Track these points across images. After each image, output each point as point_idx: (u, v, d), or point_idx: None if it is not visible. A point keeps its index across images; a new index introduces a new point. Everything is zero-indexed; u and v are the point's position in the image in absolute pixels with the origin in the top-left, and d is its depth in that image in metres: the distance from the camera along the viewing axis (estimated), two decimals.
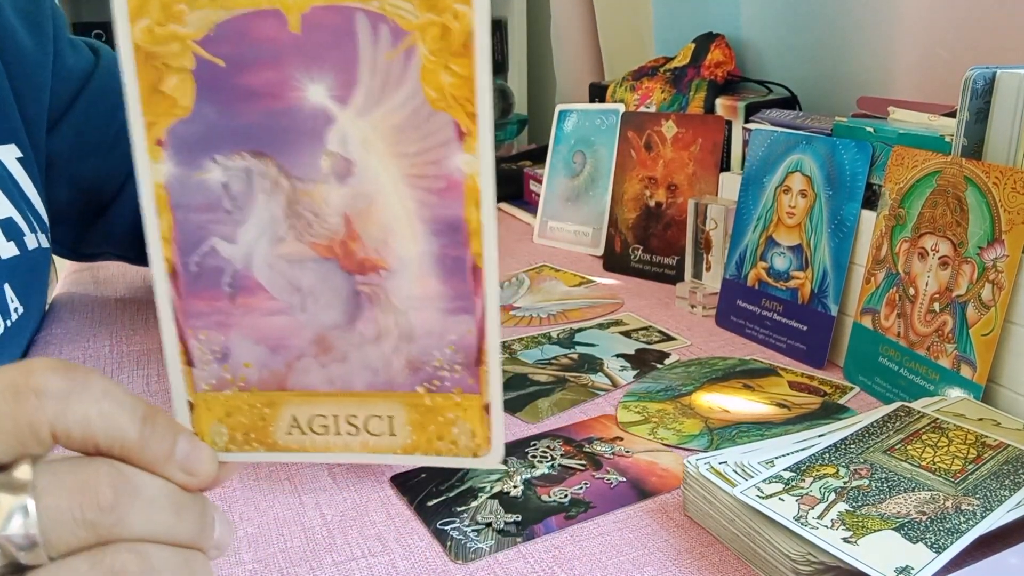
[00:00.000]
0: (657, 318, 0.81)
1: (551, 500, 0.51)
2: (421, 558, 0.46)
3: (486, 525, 0.48)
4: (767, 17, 1.01)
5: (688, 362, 0.71)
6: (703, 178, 0.90)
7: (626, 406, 0.63)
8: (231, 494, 0.52)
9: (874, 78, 0.88)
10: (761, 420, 0.60)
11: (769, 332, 0.74)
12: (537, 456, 0.56)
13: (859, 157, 0.68)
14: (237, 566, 0.46)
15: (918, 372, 0.61)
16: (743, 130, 0.84)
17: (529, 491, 0.52)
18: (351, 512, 0.50)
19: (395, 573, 0.45)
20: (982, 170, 0.56)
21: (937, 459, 0.48)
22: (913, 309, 0.61)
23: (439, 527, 0.48)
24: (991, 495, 0.44)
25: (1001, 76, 0.57)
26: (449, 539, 0.47)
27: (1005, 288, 0.54)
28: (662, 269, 0.92)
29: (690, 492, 0.49)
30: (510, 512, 0.49)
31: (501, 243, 1.12)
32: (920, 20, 0.81)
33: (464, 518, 0.49)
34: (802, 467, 0.47)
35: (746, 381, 0.67)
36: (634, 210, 0.95)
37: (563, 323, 0.80)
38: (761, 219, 0.76)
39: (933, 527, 0.42)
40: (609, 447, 0.57)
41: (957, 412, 0.54)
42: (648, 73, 1.07)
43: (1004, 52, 0.74)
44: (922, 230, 0.61)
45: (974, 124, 0.58)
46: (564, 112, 1.09)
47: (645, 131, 0.95)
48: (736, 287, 0.78)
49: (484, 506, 0.50)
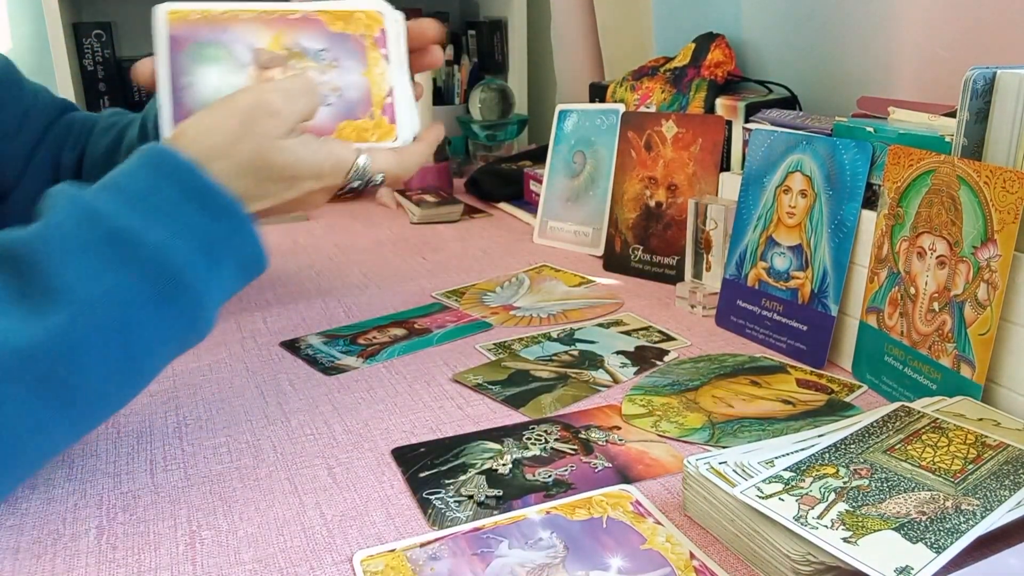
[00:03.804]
0: (657, 318, 0.81)
1: (535, 479, 0.53)
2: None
3: (468, 497, 0.51)
4: (767, 17, 1.01)
5: (697, 358, 0.71)
6: (703, 178, 0.90)
7: (631, 399, 0.63)
8: (231, 494, 0.52)
9: (874, 78, 0.88)
10: (764, 416, 0.60)
11: (769, 332, 0.74)
12: (531, 439, 0.58)
13: (859, 157, 0.68)
14: (237, 566, 0.46)
15: (921, 371, 0.61)
16: (743, 130, 0.84)
17: (516, 470, 0.54)
18: (351, 512, 0.50)
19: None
20: (974, 169, 0.56)
21: (937, 459, 0.48)
22: (914, 308, 0.61)
23: (424, 496, 0.52)
24: (991, 495, 0.44)
25: (1001, 76, 0.57)
26: (431, 507, 0.50)
27: (999, 288, 0.54)
28: (662, 269, 0.92)
29: (690, 492, 0.49)
30: (494, 487, 0.52)
31: (501, 243, 1.13)
32: (920, 20, 0.81)
33: (450, 490, 0.52)
34: (802, 467, 0.47)
35: (754, 377, 0.67)
36: (634, 210, 0.95)
37: (563, 323, 0.80)
38: (761, 219, 0.76)
39: (933, 527, 0.42)
40: (604, 435, 0.58)
41: (957, 412, 0.54)
42: (648, 73, 1.07)
43: (1004, 52, 0.74)
44: (920, 229, 0.61)
45: (974, 124, 0.58)
46: (564, 112, 1.09)
47: (645, 131, 0.95)
48: (736, 287, 0.78)
49: (471, 480, 0.53)
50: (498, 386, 0.66)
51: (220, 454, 0.57)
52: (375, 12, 0.62)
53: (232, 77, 0.58)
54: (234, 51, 0.59)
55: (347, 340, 0.76)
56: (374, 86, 0.61)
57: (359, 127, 0.61)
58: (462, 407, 0.63)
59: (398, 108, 0.61)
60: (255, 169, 0.54)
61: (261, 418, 0.62)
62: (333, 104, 0.60)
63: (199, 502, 0.51)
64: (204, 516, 0.50)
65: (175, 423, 0.61)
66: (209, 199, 0.51)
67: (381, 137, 0.61)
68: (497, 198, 1.30)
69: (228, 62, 0.59)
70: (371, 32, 0.61)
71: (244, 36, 0.59)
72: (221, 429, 0.60)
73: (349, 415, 0.62)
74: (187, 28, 0.58)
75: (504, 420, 0.61)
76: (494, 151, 1.52)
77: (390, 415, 0.62)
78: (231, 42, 0.59)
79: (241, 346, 0.75)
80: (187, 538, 0.48)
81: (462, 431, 0.59)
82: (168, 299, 0.48)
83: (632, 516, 0.49)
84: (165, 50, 0.58)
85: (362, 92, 0.61)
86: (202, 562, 0.46)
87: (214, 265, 0.51)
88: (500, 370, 0.69)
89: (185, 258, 0.49)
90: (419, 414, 0.62)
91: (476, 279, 0.93)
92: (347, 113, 0.60)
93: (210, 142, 0.53)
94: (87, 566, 0.46)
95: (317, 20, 0.61)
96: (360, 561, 0.45)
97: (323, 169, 0.57)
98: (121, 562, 0.46)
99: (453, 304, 0.85)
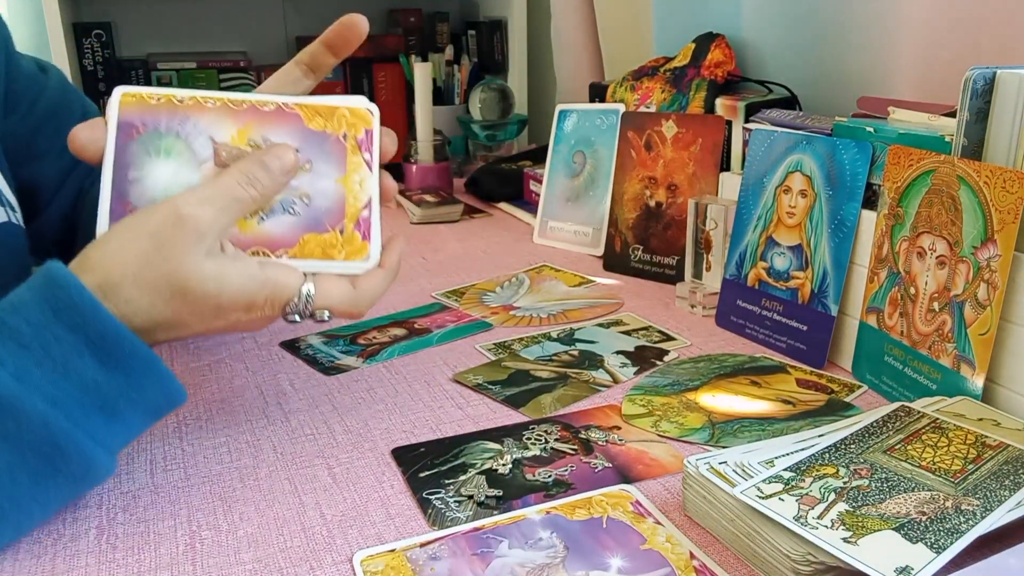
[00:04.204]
0: (657, 318, 0.81)
1: (535, 479, 0.53)
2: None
3: (468, 497, 0.51)
4: (767, 17, 1.01)
5: (698, 358, 0.71)
6: (703, 178, 0.90)
7: (632, 399, 0.63)
8: (231, 494, 0.52)
9: (874, 78, 0.88)
10: (764, 416, 0.60)
11: (769, 332, 0.74)
12: (532, 439, 0.58)
13: (859, 157, 0.68)
14: (237, 566, 0.46)
15: (921, 371, 0.61)
16: (743, 130, 0.84)
17: (517, 470, 0.54)
18: (351, 512, 0.50)
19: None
20: (974, 169, 0.56)
21: (937, 459, 0.48)
22: (915, 308, 0.61)
23: (424, 496, 0.51)
24: (991, 495, 0.44)
25: (1001, 76, 0.57)
26: (431, 507, 0.50)
27: (999, 288, 0.54)
28: (662, 269, 0.92)
29: (690, 492, 0.49)
30: (494, 487, 0.52)
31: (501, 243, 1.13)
32: (920, 20, 0.81)
33: (450, 490, 0.52)
34: (802, 467, 0.47)
35: (754, 377, 0.67)
36: (634, 210, 0.95)
37: (563, 323, 0.80)
38: (761, 219, 0.76)
39: (933, 527, 0.42)
40: (604, 435, 0.58)
41: (957, 412, 0.54)
42: (648, 73, 1.07)
43: (1004, 52, 0.74)
44: (920, 229, 0.61)
45: (974, 124, 0.58)
46: (564, 112, 1.09)
47: (645, 131, 0.95)
48: (736, 287, 0.78)
49: (471, 480, 0.53)
50: (498, 386, 0.66)
51: (220, 454, 0.57)
52: (363, 111, 0.54)
53: (185, 174, 0.50)
54: (193, 144, 0.51)
55: (347, 340, 0.76)
56: (350, 196, 0.53)
57: (325, 242, 0.52)
58: (462, 407, 0.63)
59: (374, 223, 0.54)
60: (171, 297, 0.47)
61: (261, 418, 0.62)
62: (299, 213, 0.52)
63: (199, 502, 0.51)
64: (204, 516, 0.50)
65: (175, 423, 0.61)
66: (108, 347, 0.45)
67: (350, 255, 0.53)
68: (497, 198, 1.30)
69: (184, 156, 0.51)
70: (354, 132, 0.53)
71: (207, 128, 0.51)
72: (221, 429, 0.60)
73: (349, 415, 0.62)
74: (143, 114, 0.50)
75: (504, 420, 0.61)
76: (494, 151, 1.52)
77: (390, 415, 0.62)
78: (192, 134, 0.51)
79: (241, 346, 0.75)
80: (187, 538, 0.48)
81: (462, 431, 0.59)
82: (52, 473, 0.44)
83: (632, 516, 0.49)
84: (113, 137, 0.50)
85: (334, 201, 0.53)
86: (202, 562, 0.46)
87: (111, 420, 0.46)
88: (500, 370, 0.69)
89: (73, 427, 0.44)
90: (419, 414, 0.62)
91: (476, 279, 0.93)
92: (313, 225, 0.52)
93: (118, 266, 0.46)
94: (87, 566, 0.46)
95: (294, 114, 0.52)
96: (360, 561, 0.45)
97: (255, 300, 0.49)
98: (121, 562, 0.46)
99: (453, 304, 0.85)
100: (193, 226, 0.46)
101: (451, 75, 1.70)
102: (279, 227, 0.52)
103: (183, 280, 0.46)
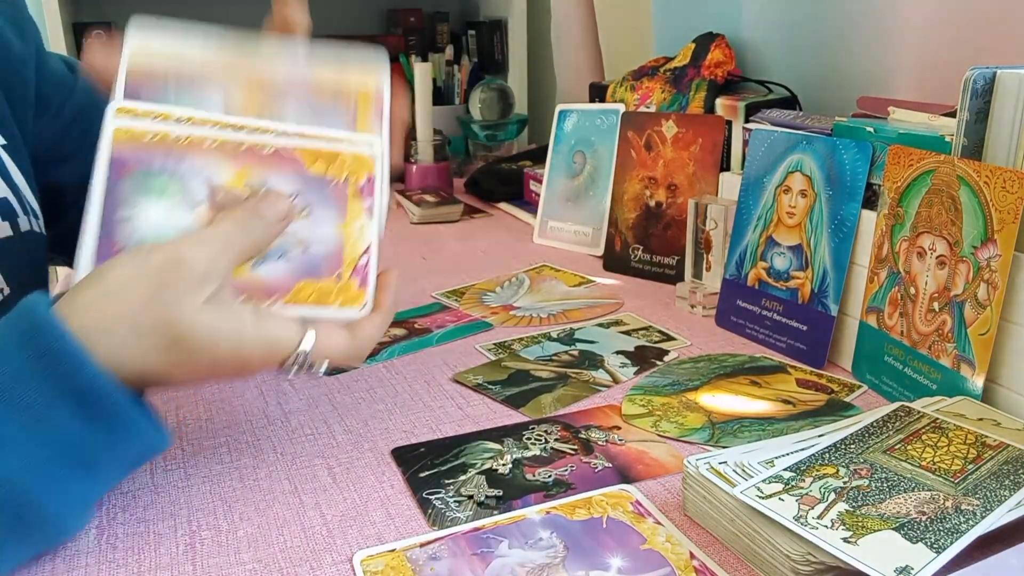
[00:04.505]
0: (657, 318, 0.81)
1: (535, 479, 0.53)
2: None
3: (468, 497, 0.51)
4: (767, 17, 1.01)
5: (698, 358, 0.71)
6: (703, 178, 0.90)
7: (631, 399, 0.63)
8: (231, 494, 0.52)
9: (874, 78, 0.88)
10: (764, 416, 0.60)
11: (769, 332, 0.74)
12: (532, 439, 0.58)
13: (859, 157, 0.68)
14: (237, 566, 0.46)
15: (921, 371, 0.61)
16: (743, 130, 0.84)
17: (517, 470, 0.54)
18: (351, 512, 0.50)
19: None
20: (974, 169, 0.56)
21: (937, 459, 0.48)
22: (915, 308, 0.61)
23: (424, 496, 0.51)
24: (991, 495, 0.44)
25: (1001, 76, 0.57)
26: (431, 507, 0.50)
27: (999, 288, 0.54)
28: (662, 269, 0.92)
29: (690, 492, 0.49)
30: (494, 487, 0.52)
31: (501, 243, 1.12)
32: (920, 20, 0.81)
33: (450, 490, 0.52)
34: (802, 467, 0.47)
35: (754, 377, 0.67)
36: (634, 210, 0.95)
37: (563, 323, 0.80)
38: (761, 219, 0.76)
39: (933, 527, 0.42)
40: (604, 435, 0.58)
41: (957, 412, 0.54)
42: (648, 73, 1.07)
43: (1004, 52, 0.74)
44: (920, 229, 0.61)
45: (974, 124, 0.58)
46: (564, 112, 1.09)
47: (645, 131, 0.95)
48: (736, 287, 0.78)
49: (471, 480, 0.53)
50: (498, 386, 0.66)
51: (220, 454, 0.57)
52: (366, 157, 0.52)
53: (179, 216, 0.48)
54: (188, 186, 0.49)
55: None
56: (348, 243, 0.51)
57: (321, 289, 0.51)
58: (462, 407, 0.63)
59: (371, 271, 0.52)
60: (164, 347, 0.44)
61: (261, 418, 0.62)
62: (294, 259, 0.50)
63: (199, 502, 0.51)
64: (204, 516, 0.50)
65: (175, 423, 0.61)
66: (88, 399, 0.42)
67: (346, 303, 0.51)
68: (497, 198, 1.30)
69: (178, 198, 0.49)
70: (356, 179, 0.52)
71: (204, 169, 0.49)
72: (221, 429, 0.60)
73: (349, 415, 0.62)
74: (136, 152, 0.48)
75: (504, 420, 0.61)
76: (494, 151, 1.52)
77: (390, 415, 0.62)
78: (187, 175, 0.49)
79: None
80: (187, 538, 0.48)
81: (462, 431, 0.59)
82: (23, 533, 0.43)
83: (632, 516, 0.49)
84: (104, 173, 0.47)
85: (332, 248, 0.51)
86: (202, 562, 0.46)
87: (90, 474, 0.44)
88: (500, 370, 0.69)
89: (47, 486, 0.42)
90: (419, 414, 0.62)
91: (476, 279, 0.93)
92: (310, 271, 0.50)
93: (108, 311, 0.43)
94: (87, 566, 0.46)
95: (294, 159, 0.51)
96: (360, 561, 0.45)
97: (252, 354, 0.46)
98: (121, 562, 0.46)
99: (453, 304, 0.85)
100: (195, 271, 0.44)
101: (451, 75, 1.70)
102: (273, 272, 0.50)
103: (179, 331, 0.44)
